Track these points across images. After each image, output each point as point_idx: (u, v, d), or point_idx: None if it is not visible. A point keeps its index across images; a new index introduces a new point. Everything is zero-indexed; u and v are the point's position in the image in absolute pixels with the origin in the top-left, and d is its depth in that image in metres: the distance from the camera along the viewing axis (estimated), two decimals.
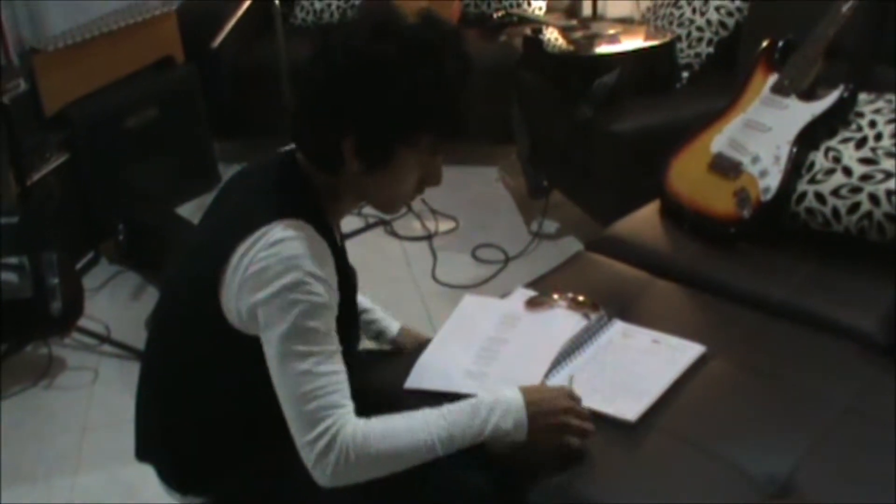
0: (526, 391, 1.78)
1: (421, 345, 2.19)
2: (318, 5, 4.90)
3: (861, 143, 2.49)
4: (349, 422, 1.66)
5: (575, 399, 1.82)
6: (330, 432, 1.63)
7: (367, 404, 1.98)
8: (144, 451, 1.96)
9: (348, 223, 3.91)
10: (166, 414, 1.88)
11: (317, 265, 1.64)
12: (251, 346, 1.69)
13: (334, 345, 1.67)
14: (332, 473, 1.65)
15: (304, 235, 1.65)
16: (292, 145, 1.84)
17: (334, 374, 1.66)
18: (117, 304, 3.73)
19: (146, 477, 1.95)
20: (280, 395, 1.66)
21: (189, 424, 1.84)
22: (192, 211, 4.25)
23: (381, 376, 2.08)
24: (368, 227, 4.19)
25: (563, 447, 1.81)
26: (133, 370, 2.00)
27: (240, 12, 3.83)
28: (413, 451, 1.69)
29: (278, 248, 1.62)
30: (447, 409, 1.73)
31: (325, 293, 1.65)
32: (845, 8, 2.70)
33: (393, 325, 2.28)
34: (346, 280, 1.84)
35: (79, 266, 3.82)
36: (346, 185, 1.77)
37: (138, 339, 3.31)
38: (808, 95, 2.63)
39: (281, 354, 1.64)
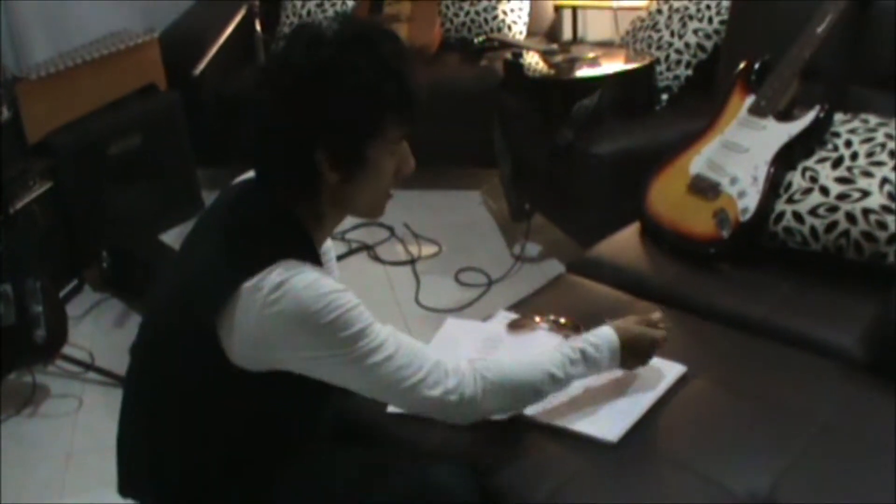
0: (617, 329, 1.96)
1: None
2: None
3: (837, 162, 2.52)
4: (451, 361, 1.75)
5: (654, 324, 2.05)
6: (447, 379, 1.72)
7: (349, 428, 1.99)
8: (128, 486, 1.94)
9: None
10: (153, 449, 1.86)
11: (330, 283, 1.66)
12: (250, 383, 1.70)
13: (384, 329, 1.71)
14: (471, 399, 1.74)
15: (305, 268, 1.66)
16: (248, 177, 1.87)
17: (405, 346, 1.72)
18: (101, 331, 3.73)
19: None
20: (382, 395, 1.76)
21: (177, 460, 1.83)
22: (175, 238, 4.25)
23: (364, 399, 2.09)
24: (351, 252, 4.20)
25: None
26: (118, 397, 1.99)
27: (221, 40, 3.85)
28: (532, 365, 1.83)
29: (286, 288, 1.63)
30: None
31: (352, 298, 1.67)
32: (820, 29, 2.73)
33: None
34: None
35: (62, 293, 3.81)
36: (328, 203, 1.77)
37: (123, 366, 3.24)
38: (785, 116, 2.66)
39: (353, 365, 1.67)
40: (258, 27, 3.77)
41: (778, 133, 2.62)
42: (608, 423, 1.94)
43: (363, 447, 1.96)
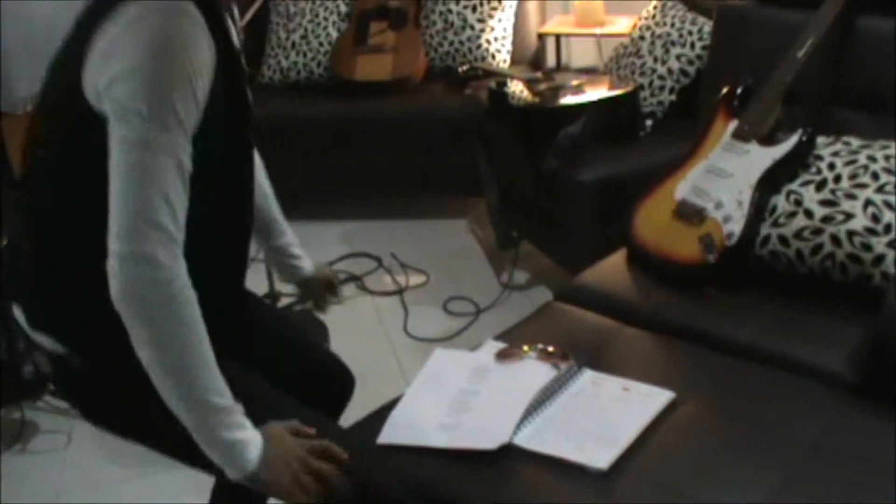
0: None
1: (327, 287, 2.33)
2: (284, 63, 4.93)
3: (821, 185, 2.53)
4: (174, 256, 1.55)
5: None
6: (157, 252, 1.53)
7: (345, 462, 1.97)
8: (14, 291, 1.85)
9: None
10: (35, 238, 1.76)
11: (184, 50, 1.55)
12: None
13: (186, 148, 1.57)
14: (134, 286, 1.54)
15: (174, 14, 1.56)
16: None
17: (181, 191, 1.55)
18: None
19: None
20: (117, 188, 1.55)
21: (58, 240, 1.72)
22: None
23: (354, 432, 2.09)
24: (339, 283, 4.18)
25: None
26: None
27: None
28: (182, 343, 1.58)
29: (143, 25, 1.54)
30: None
31: (191, 79, 1.56)
32: (801, 53, 2.75)
33: (307, 265, 2.32)
34: (237, 70, 1.77)
35: None
36: None
37: None
38: (768, 140, 2.67)
39: (130, 140, 1.54)
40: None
41: (762, 157, 2.64)
42: (597, 450, 1.94)
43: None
